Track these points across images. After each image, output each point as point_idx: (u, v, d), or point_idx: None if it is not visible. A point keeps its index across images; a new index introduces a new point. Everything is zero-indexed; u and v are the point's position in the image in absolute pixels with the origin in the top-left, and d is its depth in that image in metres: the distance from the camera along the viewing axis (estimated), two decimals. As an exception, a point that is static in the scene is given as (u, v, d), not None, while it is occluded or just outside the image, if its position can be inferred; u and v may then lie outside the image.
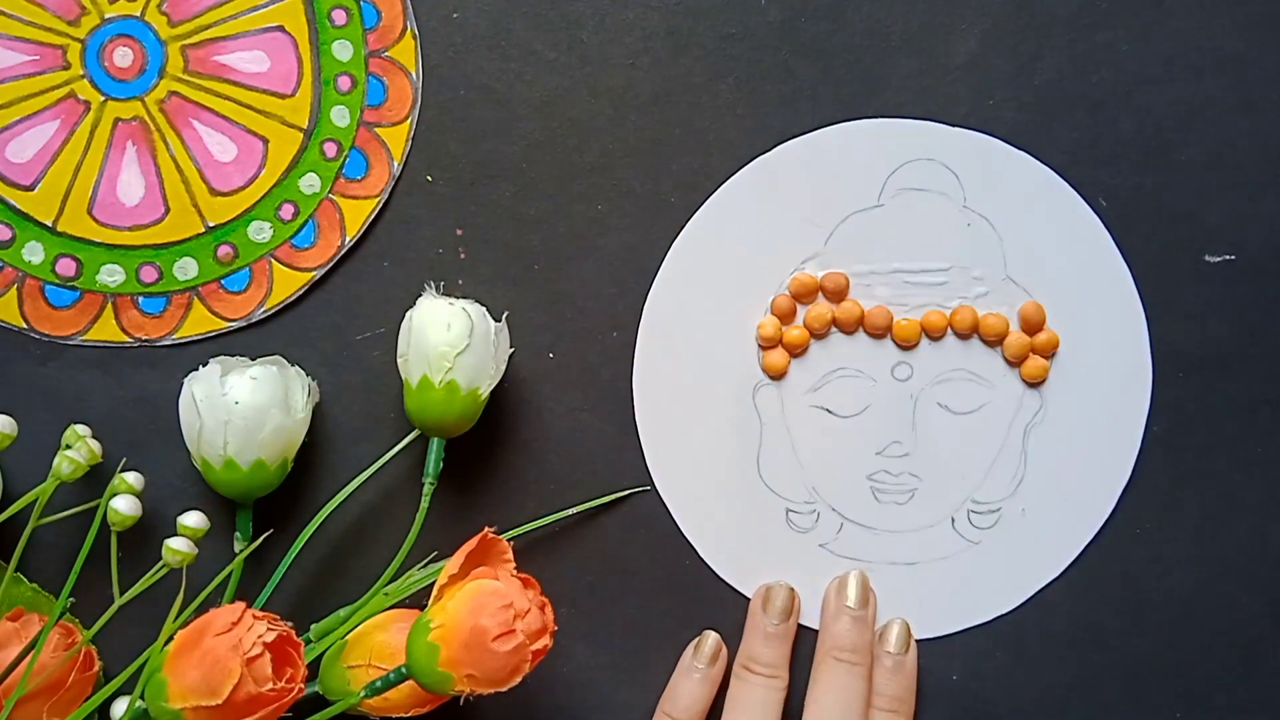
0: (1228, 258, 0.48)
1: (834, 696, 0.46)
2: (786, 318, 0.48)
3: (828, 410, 0.48)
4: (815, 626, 0.48)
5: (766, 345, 0.48)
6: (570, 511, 0.48)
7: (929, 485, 0.48)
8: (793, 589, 0.48)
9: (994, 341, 0.48)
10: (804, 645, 0.48)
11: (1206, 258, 0.48)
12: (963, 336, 0.48)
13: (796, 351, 0.48)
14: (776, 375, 0.48)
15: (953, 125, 0.48)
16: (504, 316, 0.45)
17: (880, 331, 0.48)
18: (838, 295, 0.48)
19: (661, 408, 0.48)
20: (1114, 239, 0.48)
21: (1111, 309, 0.48)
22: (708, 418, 0.48)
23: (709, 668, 0.47)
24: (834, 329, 0.48)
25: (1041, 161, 0.48)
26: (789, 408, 0.48)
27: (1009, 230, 0.48)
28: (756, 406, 0.48)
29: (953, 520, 0.49)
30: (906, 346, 0.48)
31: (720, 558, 0.48)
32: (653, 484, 0.48)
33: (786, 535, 0.49)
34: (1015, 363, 0.48)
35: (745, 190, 0.48)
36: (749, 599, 0.48)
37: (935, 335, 0.48)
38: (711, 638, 0.48)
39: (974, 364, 0.48)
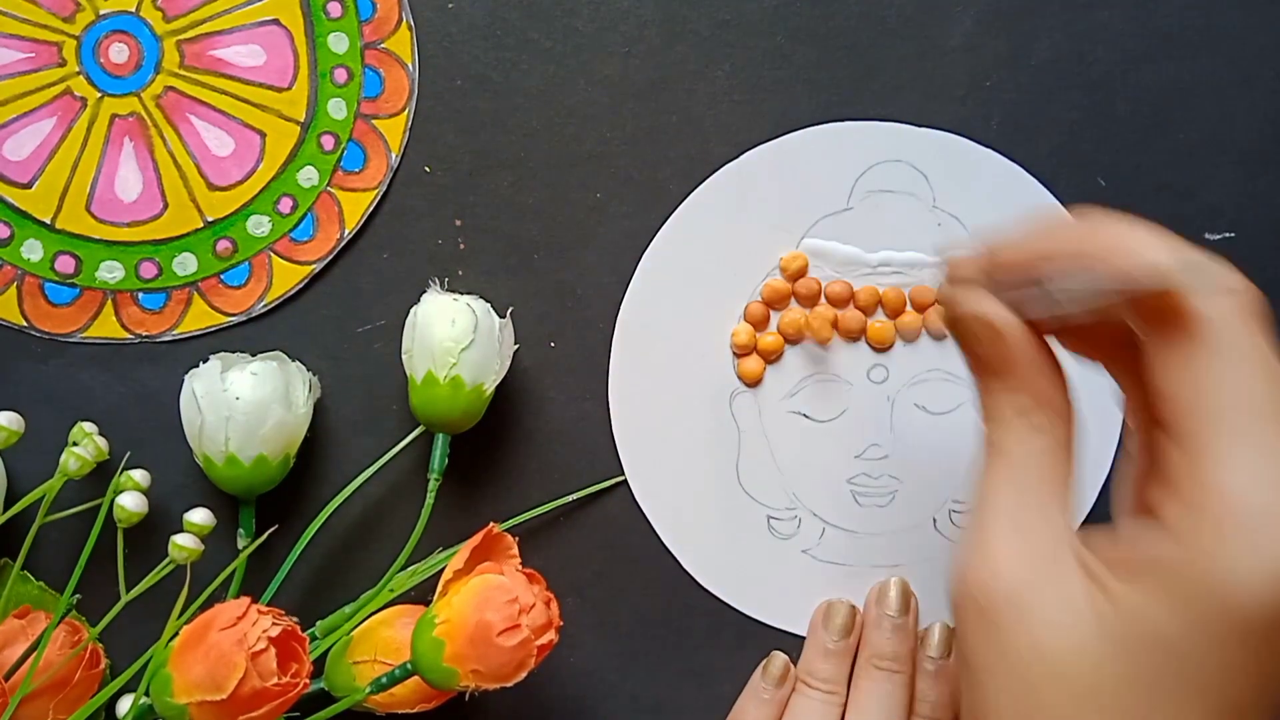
0: (1228, 235, 0.47)
1: (875, 705, 0.45)
2: (760, 324, 0.48)
3: (805, 415, 0.48)
4: (803, 634, 0.48)
5: (741, 353, 0.48)
6: (571, 497, 0.47)
7: (909, 487, 0.48)
8: (854, 606, 0.47)
9: (969, 340, 0.48)
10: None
11: (1206, 235, 0.47)
12: (937, 337, 0.48)
13: (771, 358, 0.48)
14: (752, 382, 0.48)
15: (919, 125, 0.47)
16: (508, 313, 0.45)
17: (854, 335, 0.48)
18: (810, 300, 0.48)
19: (637, 421, 0.48)
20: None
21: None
22: (685, 428, 0.48)
23: (777, 689, 0.47)
24: (808, 334, 0.48)
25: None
26: (766, 414, 0.48)
27: (980, 229, 0.47)
28: (734, 414, 0.48)
29: (935, 521, 0.48)
30: (881, 349, 0.48)
31: (703, 567, 0.48)
32: (634, 498, 0.48)
33: (769, 542, 0.48)
34: (991, 360, 0.48)
35: (712, 200, 0.47)
36: (734, 609, 0.48)
37: (909, 337, 0.48)
38: (779, 659, 0.47)
39: (949, 363, 0.48)
